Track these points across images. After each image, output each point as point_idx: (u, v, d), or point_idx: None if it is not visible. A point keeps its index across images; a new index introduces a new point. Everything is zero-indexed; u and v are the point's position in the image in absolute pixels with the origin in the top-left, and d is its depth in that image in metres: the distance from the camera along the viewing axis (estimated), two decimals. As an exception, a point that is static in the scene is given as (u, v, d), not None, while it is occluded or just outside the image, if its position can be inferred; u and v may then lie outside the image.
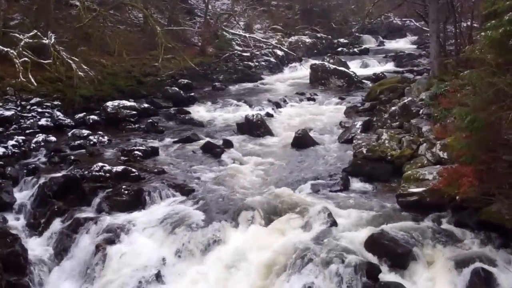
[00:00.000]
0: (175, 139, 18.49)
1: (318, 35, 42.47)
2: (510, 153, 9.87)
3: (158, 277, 10.79)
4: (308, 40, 40.62)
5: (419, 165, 13.75)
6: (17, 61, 19.07)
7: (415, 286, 9.73)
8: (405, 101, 17.38)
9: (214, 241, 11.57)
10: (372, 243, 10.78)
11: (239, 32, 36.64)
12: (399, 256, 10.50)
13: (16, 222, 13.70)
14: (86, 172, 14.79)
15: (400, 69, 30.77)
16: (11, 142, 17.09)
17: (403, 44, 42.62)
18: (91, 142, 17.90)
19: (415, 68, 30.15)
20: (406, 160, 14.38)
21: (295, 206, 12.56)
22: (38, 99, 20.63)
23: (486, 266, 9.93)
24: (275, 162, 16.40)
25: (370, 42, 43.32)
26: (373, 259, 10.45)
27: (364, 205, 12.62)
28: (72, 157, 16.30)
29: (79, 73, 21.15)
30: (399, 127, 16.50)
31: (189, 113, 22.28)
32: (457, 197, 10.98)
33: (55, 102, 20.91)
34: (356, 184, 14.19)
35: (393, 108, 17.74)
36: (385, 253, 10.53)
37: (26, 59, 19.62)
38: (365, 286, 9.62)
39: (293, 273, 10.11)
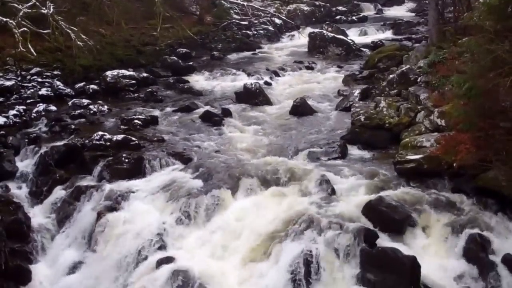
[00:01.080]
0: (174, 108, 18.39)
1: (317, 3, 41.91)
2: (508, 120, 9.80)
3: (159, 243, 10.80)
4: (306, 8, 40.12)
5: (417, 132, 13.69)
6: (17, 31, 18.82)
7: (412, 251, 9.73)
8: (403, 69, 17.23)
9: (214, 207, 11.57)
10: (369, 210, 10.78)
11: (237, 0, 36.18)
12: (396, 222, 10.52)
13: (18, 191, 13.73)
14: (87, 141, 14.77)
15: (399, 37, 30.44)
16: (12, 112, 17.04)
17: (402, 11, 42.11)
18: (91, 112, 17.82)
19: (413, 36, 29.81)
20: (404, 127, 14.31)
21: (294, 173, 12.54)
22: (38, 69, 20.51)
23: (482, 232, 9.96)
24: (274, 130, 16.34)
25: (368, 9, 42.77)
26: (371, 225, 10.45)
27: (362, 172, 12.58)
28: (73, 126, 16.25)
29: (78, 43, 20.89)
30: (397, 95, 16.39)
31: (188, 82, 22.11)
32: (454, 164, 10.96)
33: (55, 72, 20.78)
34: (354, 151, 14.15)
35: (391, 76, 17.58)
36: (382, 219, 10.53)
37: (25, 29, 19.37)
38: (362, 252, 9.64)
39: (292, 239, 10.13)
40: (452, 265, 9.66)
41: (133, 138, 14.94)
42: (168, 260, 10.13)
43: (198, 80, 22.73)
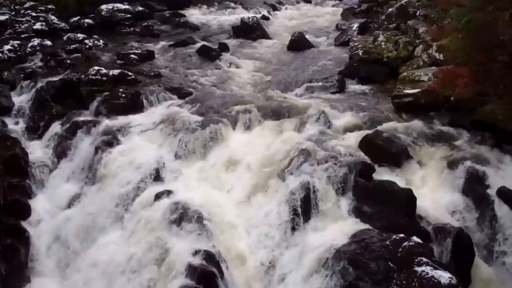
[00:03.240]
0: (171, 43, 18.05)
1: None
2: (506, 54, 9.58)
3: (157, 177, 10.75)
4: None
5: (415, 66, 13.48)
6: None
7: (408, 184, 9.70)
8: (402, 2, 16.85)
9: (211, 141, 11.46)
10: (366, 143, 10.69)
11: None
12: (393, 155, 10.44)
13: (15, 126, 13.65)
14: (83, 76, 14.53)
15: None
16: (6, 47, 16.75)
17: None
18: (87, 46, 17.51)
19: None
20: (402, 61, 14.08)
21: (291, 108, 12.38)
22: (32, 3, 20.16)
23: (478, 165, 9.90)
24: (271, 65, 16.11)
25: None
26: (367, 158, 10.37)
27: (359, 107, 12.43)
28: (68, 61, 16.02)
29: (72, -25, 20.36)
30: (395, 28, 16.07)
31: (184, 16, 21.63)
32: (451, 98, 10.76)
33: (49, 6, 20.36)
34: (352, 86, 13.97)
35: (390, 9, 17.23)
36: (379, 153, 10.44)
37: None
38: (359, 184, 9.61)
39: (289, 172, 10.07)
40: (447, 198, 9.64)
41: (130, 73, 14.73)
42: (166, 193, 10.08)
43: (195, 14, 22.28)
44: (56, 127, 13.09)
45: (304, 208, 9.46)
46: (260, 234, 9.45)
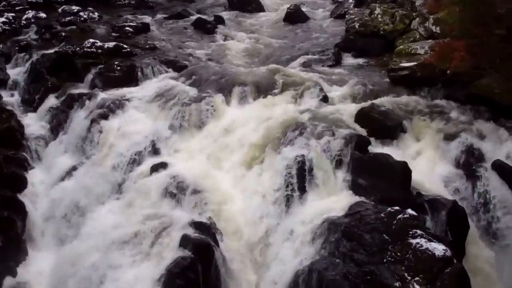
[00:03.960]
0: (166, 15, 17.88)
1: None
2: (503, 27, 9.52)
3: (153, 149, 10.69)
4: None
5: (412, 39, 13.41)
6: None
7: (403, 157, 9.64)
8: (400, -26, 16.60)
9: (207, 115, 11.36)
10: (362, 117, 10.64)
11: None
12: (388, 129, 10.41)
13: (11, 98, 13.58)
14: (78, 48, 14.40)
15: None
16: (1, 19, 16.62)
17: None
18: (82, 19, 17.31)
19: None
20: (398, 34, 14.02)
21: (287, 81, 12.28)
22: (25, -26, 19.69)
23: (474, 139, 9.89)
24: (267, 37, 15.96)
25: None
26: (363, 132, 10.33)
27: (355, 80, 12.35)
28: (63, 34, 15.86)
29: None
30: (392, 1, 15.89)
31: (179, -12, 21.35)
32: (448, 71, 10.79)
33: (43, -22, 19.93)
34: (348, 59, 13.89)
35: (387, -18, 16.98)
36: (375, 126, 10.41)
37: None
38: (355, 157, 9.54)
39: (285, 145, 9.99)
40: (442, 170, 9.64)
41: (125, 46, 14.60)
42: (162, 165, 10.03)
43: (190, -14, 21.91)
44: (51, 100, 13.01)
45: (300, 181, 9.41)
46: (255, 206, 9.42)
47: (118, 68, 13.41)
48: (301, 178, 9.45)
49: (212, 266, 8.43)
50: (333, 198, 9.24)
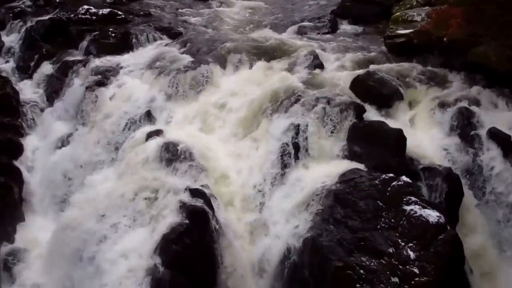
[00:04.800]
0: (161, -18, 17.52)
1: None
2: (500, -6, 9.38)
3: (148, 117, 10.57)
4: None
5: (408, 6, 13.17)
6: None
7: (398, 124, 9.52)
8: None
9: (202, 82, 11.22)
10: (358, 84, 10.48)
11: None
12: (384, 96, 10.28)
13: (6, 65, 13.52)
14: (72, 15, 14.24)
15: None
16: (-6, -14, 16.20)
17: None
18: (76, -15, 16.94)
19: None
20: (395, 1, 13.78)
21: (282, 48, 12.16)
22: None
23: (469, 106, 9.78)
24: (262, 4, 15.77)
25: None
26: (359, 99, 10.17)
27: (351, 47, 12.22)
28: (57, 0, 15.56)
29: None
30: (389, -33, 15.60)
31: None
32: (444, 39, 10.68)
33: None
34: (344, 26, 13.72)
35: None
36: (370, 93, 10.26)
37: None
38: (350, 125, 9.44)
39: (280, 112, 9.87)
40: (437, 138, 9.54)
41: (119, 12, 14.42)
42: (158, 133, 9.91)
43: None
44: (46, 67, 12.93)
45: (295, 148, 9.33)
46: (250, 172, 9.35)
47: (113, 35, 13.26)
48: (296, 145, 9.36)
49: (208, 233, 8.40)
50: (328, 166, 9.16)
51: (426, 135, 9.64)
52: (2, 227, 9.73)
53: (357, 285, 7.20)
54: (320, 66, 11.47)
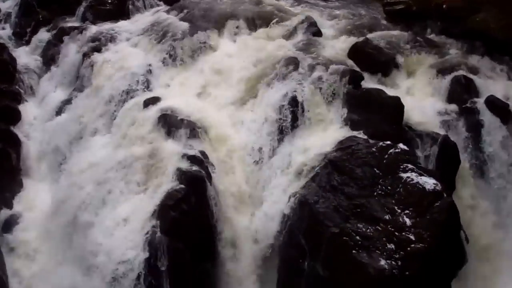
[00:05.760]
0: None
1: None
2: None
3: (146, 84, 10.39)
4: None
5: (408, -28, 12.89)
6: None
7: (396, 92, 9.42)
8: None
9: (200, 49, 11.03)
10: (355, 52, 10.32)
11: None
12: (382, 64, 10.12)
13: (2, 32, 13.44)
14: (69, -20, 13.86)
15: None
16: (-12, -50, 15.79)
17: None
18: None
19: None
20: (394, -33, 13.44)
21: (280, 15, 11.89)
22: None
23: (468, 74, 9.65)
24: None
25: None
26: (357, 67, 10.02)
27: (349, 14, 12.01)
28: (54, -34, 15.19)
29: None
30: None
31: None
32: (444, 5, 10.53)
33: None
34: (343, -8, 13.42)
35: None
36: (368, 61, 10.10)
37: None
38: (347, 92, 9.28)
39: (277, 80, 9.70)
40: (435, 106, 9.40)
41: (115, -22, 14.01)
42: (155, 100, 9.77)
43: None
44: (43, 33, 12.82)
45: (292, 115, 9.19)
46: (248, 140, 9.24)
47: (109, 1, 13.05)
48: (294, 112, 9.23)
49: (205, 199, 8.35)
50: (325, 133, 9.06)
51: (424, 103, 9.51)
52: (0, 193, 9.66)
53: (353, 252, 7.17)
54: (318, 33, 11.26)
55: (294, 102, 9.30)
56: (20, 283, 8.77)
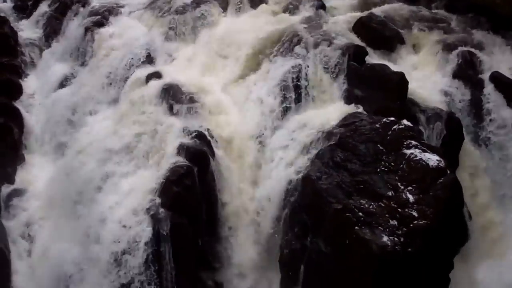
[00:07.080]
0: None
1: None
2: None
3: (148, 58, 10.28)
4: None
5: None
6: None
7: (401, 68, 9.23)
8: None
9: (202, 23, 10.93)
10: (360, 27, 10.14)
11: None
12: (386, 39, 9.96)
13: (3, 5, 13.27)
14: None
15: None
16: None
17: None
18: None
19: None
20: None
21: (285, -11, 11.67)
22: None
23: (473, 50, 9.48)
24: None
25: None
26: (361, 42, 9.84)
27: (354, -12, 11.75)
28: None
29: None
30: None
31: None
32: (449, -20, 10.28)
33: None
34: (348, -34, 13.12)
35: None
36: (372, 36, 9.94)
37: None
38: (351, 67, 9.12)
39: (281, 54, 9.58)
40: (440, 81, 9.24)
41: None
42: (157, 74, 9.64)
43: None
44: (44, 7, 12.66)
45: (295, 91, 9.07)
46: (251, 115, 9.11)
47: (112, -26, 12.73)
48: (297, 88, 9.10)
49: (208, 175, 8.28)
50: (328, 109, 8.92)
51: (428, 79, 9.34)
52: (2, 168, 9.57)
53: (356, 228, 7.08)
54: (322, 7, 11.09)
55: (297, 78, 9.17)
56: (21, 256, 8.72)
